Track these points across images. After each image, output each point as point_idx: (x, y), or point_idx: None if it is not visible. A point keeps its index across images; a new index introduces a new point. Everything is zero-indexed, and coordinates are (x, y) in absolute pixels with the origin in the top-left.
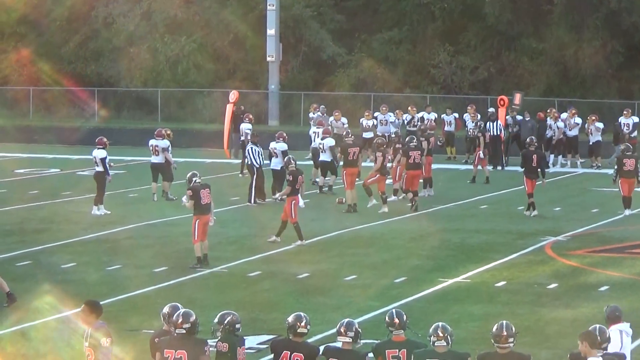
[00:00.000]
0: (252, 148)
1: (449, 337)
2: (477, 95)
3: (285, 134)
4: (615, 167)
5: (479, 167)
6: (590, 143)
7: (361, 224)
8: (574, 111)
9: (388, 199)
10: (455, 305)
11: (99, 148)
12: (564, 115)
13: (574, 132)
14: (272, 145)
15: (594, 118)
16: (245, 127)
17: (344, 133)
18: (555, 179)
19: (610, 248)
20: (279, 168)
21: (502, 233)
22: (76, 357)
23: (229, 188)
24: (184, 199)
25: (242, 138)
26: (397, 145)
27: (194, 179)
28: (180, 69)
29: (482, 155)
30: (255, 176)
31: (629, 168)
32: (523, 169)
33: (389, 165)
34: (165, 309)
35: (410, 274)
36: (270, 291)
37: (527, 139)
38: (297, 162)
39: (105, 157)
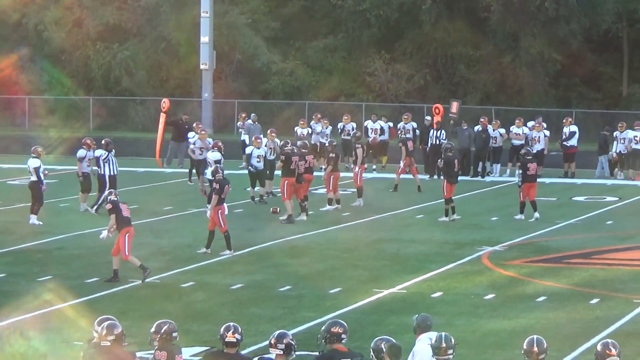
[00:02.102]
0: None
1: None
2: (413, 103)
3: (220, 143)
4: (520, 171)
5: (411, 176)
6: (534, 152)
7: (296, 234)
8: (517, 121)
9: (322, 209)
10: (391, 316)
11: (33, 157)
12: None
13: (518, 142)
14: (208, 155)
15: (518, 122)
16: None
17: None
18: (493, 188)
19: (547, 258)
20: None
21: (439, 243)
22: None
23: (162, 198)
24: (103, 233)
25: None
26: (331, 155)
27: (109, 197)
28: (112, 77)
29: (401, 164)
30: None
31: (532, 172)
32: (444, 174)
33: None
34: (97, 321)
35: (345, 284)
36: (204, 302)
37: (445, 145)
38: (234, 171)
39: (40, 167)
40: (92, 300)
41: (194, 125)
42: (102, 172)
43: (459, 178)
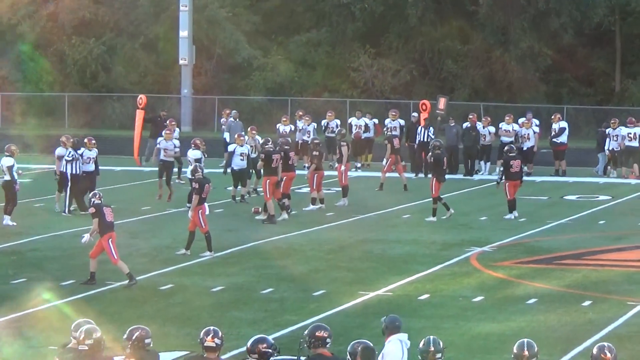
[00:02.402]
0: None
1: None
2: (399, 99)
3: (198, 141)
4: (501, 169)
5: (397, 174)
6: (524, 149)
7: (278, 235)
8: (507, 118)
9: (305, 209)
10: (377, 319)
11: (6, 156)
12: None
13: (508, 139)
14: (188, 153)
15: (507, 119)
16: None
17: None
18: (482, 186)
19: (538, 259)
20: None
21: (426, 244)
22: None
23: (140, 197)
24: (84, 237)
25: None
26: (314, 153)
27: (92, 199)
28: (88, 73)
29: (384, 163)
30: None
31: (516, 169)
32: (433, 172)
33: (305, 172)
34: (74, 325)
35: (330, 286)
36: (183, 305)
37: (434, 142)
38: (215, 170)
39: (13, 165)
40: (67, 304)
41: (167, 122)
42: (64, 171)
43: (447, 177)
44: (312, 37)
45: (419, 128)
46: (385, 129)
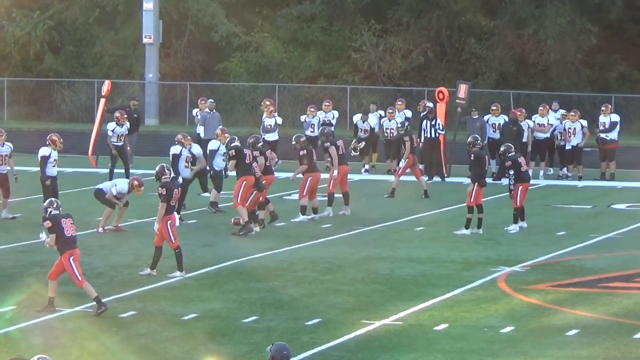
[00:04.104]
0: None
1: None
2: (410, 86)
3: (181, 136)
4: (511, 172)
5: (412, 178)
6: (567, 147)
7: (264, 251)
8: (541, 108)
9: (294, 220)
10: (384, 354)
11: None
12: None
13: (543, 135)
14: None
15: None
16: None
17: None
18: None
19: (580, 281)
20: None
21: (443, 262)
22: None
23: (94, 205)
24: (42, 235)
25: None
26: (301, 153)
27: (49, 209)
28: (32, 53)
29: (401, 164)
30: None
31: (525, 168)
32: (474, 174)
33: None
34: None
35: (326, 314)
36: (148, 336)
37: (471, 139)
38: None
39: (49, 156)
40: (6, 335)
41: (115, 114)
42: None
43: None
44: (305, 10)
45: (425, 121)
46: (399, 126)
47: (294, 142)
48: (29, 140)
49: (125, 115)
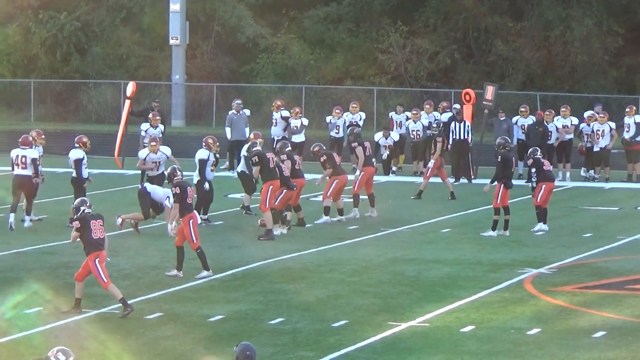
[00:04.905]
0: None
1: None
2: (437, 88)
3: (211, 141)
4: (533, 170)
5: (439, 179)
6: (596, 149)
7: (290, 253)
8: (563, 110)
9: (318, 221)
10: (410, 356)
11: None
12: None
13: (567, 136)
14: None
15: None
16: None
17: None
18: None
19: (607, 283)
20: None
21: (470, 264)
22: None
23: (121, 207)
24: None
25: None
26: (323, 159)
27: (82, 207)
28: (59, 54)
29: (430, 164)
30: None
31: (549, 167)
32: (500, 176)
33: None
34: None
35: (352, 316)
36: (174, 338)
37: (499, 140)
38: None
39: (82, 159)
40: (29, 337)
41: (150, 116)
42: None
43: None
44: (332, 11)
45: (453, 123)
46: (433, 125)
47: (312, 150)
48: (55, 141)
49: (158, 117)
